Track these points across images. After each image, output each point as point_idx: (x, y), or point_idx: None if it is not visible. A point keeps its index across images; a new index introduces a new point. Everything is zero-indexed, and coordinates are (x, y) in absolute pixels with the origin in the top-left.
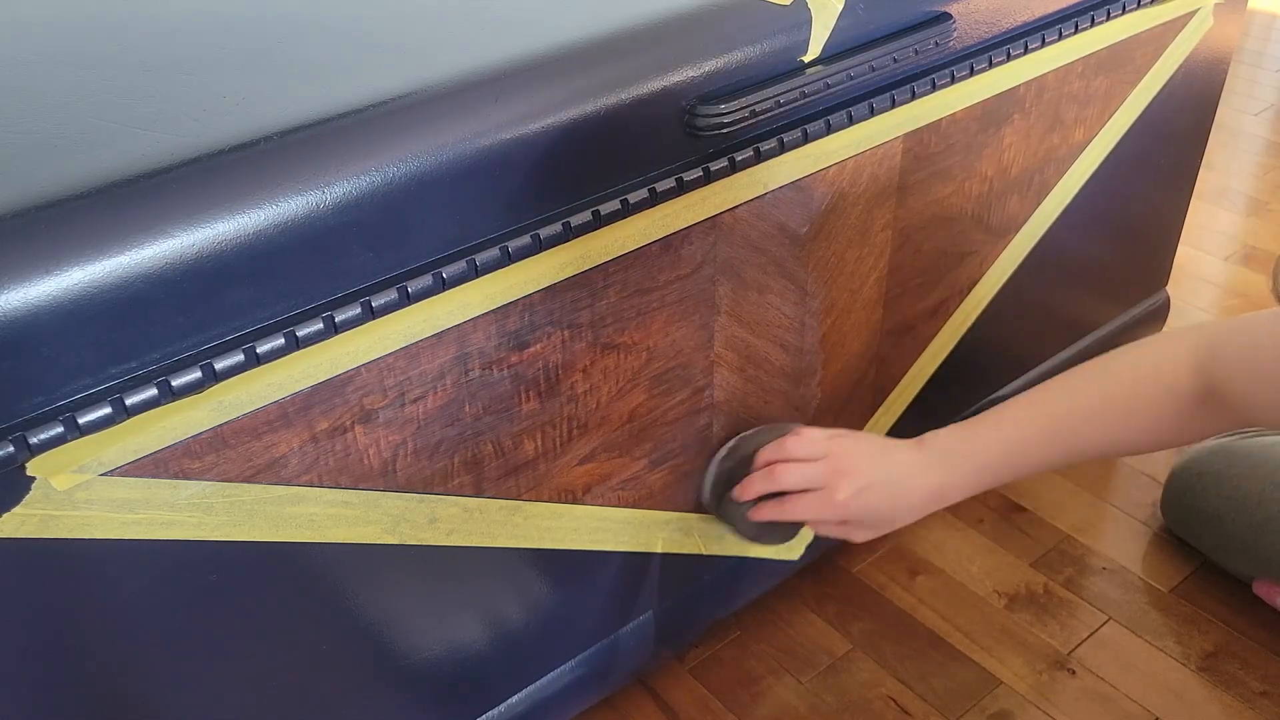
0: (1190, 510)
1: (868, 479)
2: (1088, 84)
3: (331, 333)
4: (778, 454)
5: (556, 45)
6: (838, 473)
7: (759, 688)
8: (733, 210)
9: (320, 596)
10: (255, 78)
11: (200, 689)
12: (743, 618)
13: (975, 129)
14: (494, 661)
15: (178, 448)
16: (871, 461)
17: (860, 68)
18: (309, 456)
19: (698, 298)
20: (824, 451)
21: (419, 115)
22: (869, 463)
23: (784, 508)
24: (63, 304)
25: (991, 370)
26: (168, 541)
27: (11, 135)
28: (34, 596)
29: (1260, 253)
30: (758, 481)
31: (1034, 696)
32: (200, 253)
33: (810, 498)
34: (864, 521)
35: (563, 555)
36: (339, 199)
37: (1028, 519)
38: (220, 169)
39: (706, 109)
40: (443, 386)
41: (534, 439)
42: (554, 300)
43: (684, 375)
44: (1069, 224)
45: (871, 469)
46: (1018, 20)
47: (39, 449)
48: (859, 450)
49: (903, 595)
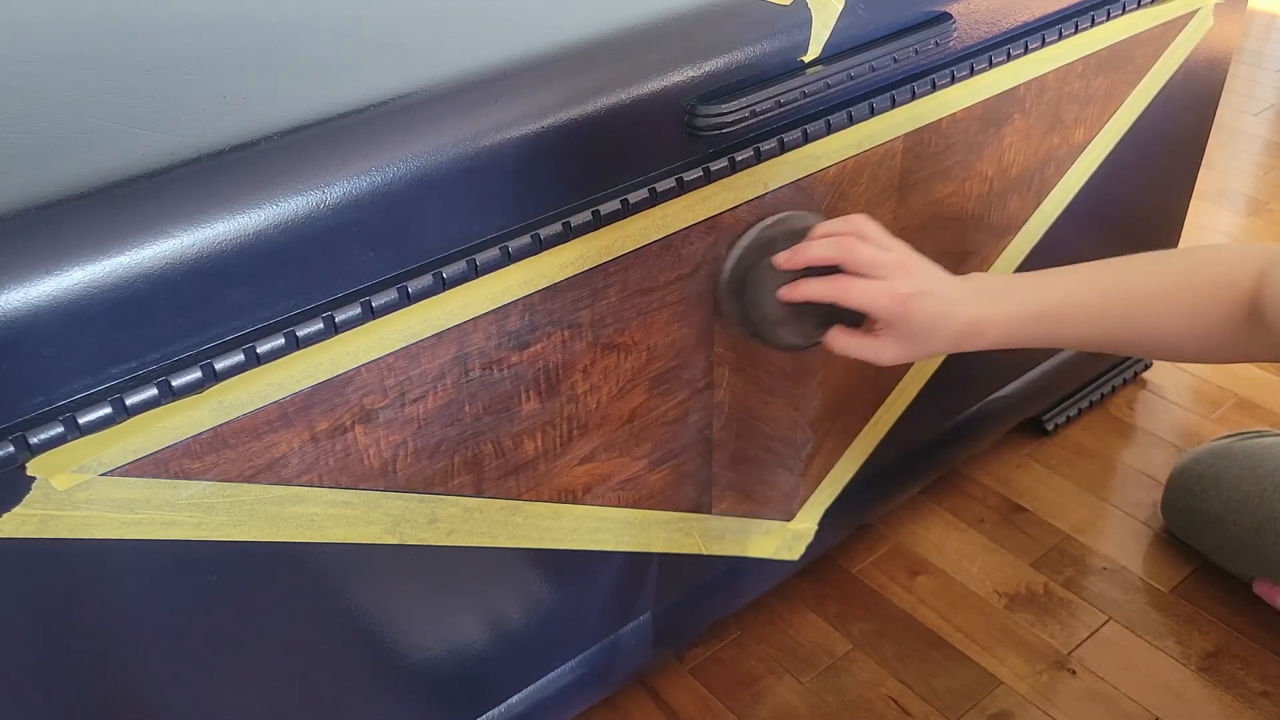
0: (1191, 512)
1: (928, 285)
2: (1088, 84)
3: (331, 333)
4: (846, 227)
5: (556, 45)
6: (904, 268)
7: (759, 688)
8: (733, 210)
9: (320, 596)
10: (255, 78)
11: (200, 689)
12: (743, 618)
13: (975, 129)
14: (494, 661)
15: (178, 448)
16: (931, 271)
17: (860, 68)
18: (309, 456)
19: (698, 298)
20: (893, 244)
21: (419, 115)
22: (930, 269)
23: (836, 285)
24: (63, 304)
25: (991, 370)
26: (168, 541)
27: (11, 135)
28: (34, 597)
29: None
30: (818, 248)
31: (1034, 696)
32: (200, 253)
33: (869, 283)
34: (907, 331)
35: (563, 555)
36: (339, 199)
37: (1028, 519)
38: (220, 169)
39: (707, 109)
40: (443, 386)
41: (534, 439)
42: (554, 300)
43: (684, 375)
44: (1069, 224)
45: (931, 278)
46: (1018, 20)
47: (39, 449)
48: (921, 257)
49: (903, 595)
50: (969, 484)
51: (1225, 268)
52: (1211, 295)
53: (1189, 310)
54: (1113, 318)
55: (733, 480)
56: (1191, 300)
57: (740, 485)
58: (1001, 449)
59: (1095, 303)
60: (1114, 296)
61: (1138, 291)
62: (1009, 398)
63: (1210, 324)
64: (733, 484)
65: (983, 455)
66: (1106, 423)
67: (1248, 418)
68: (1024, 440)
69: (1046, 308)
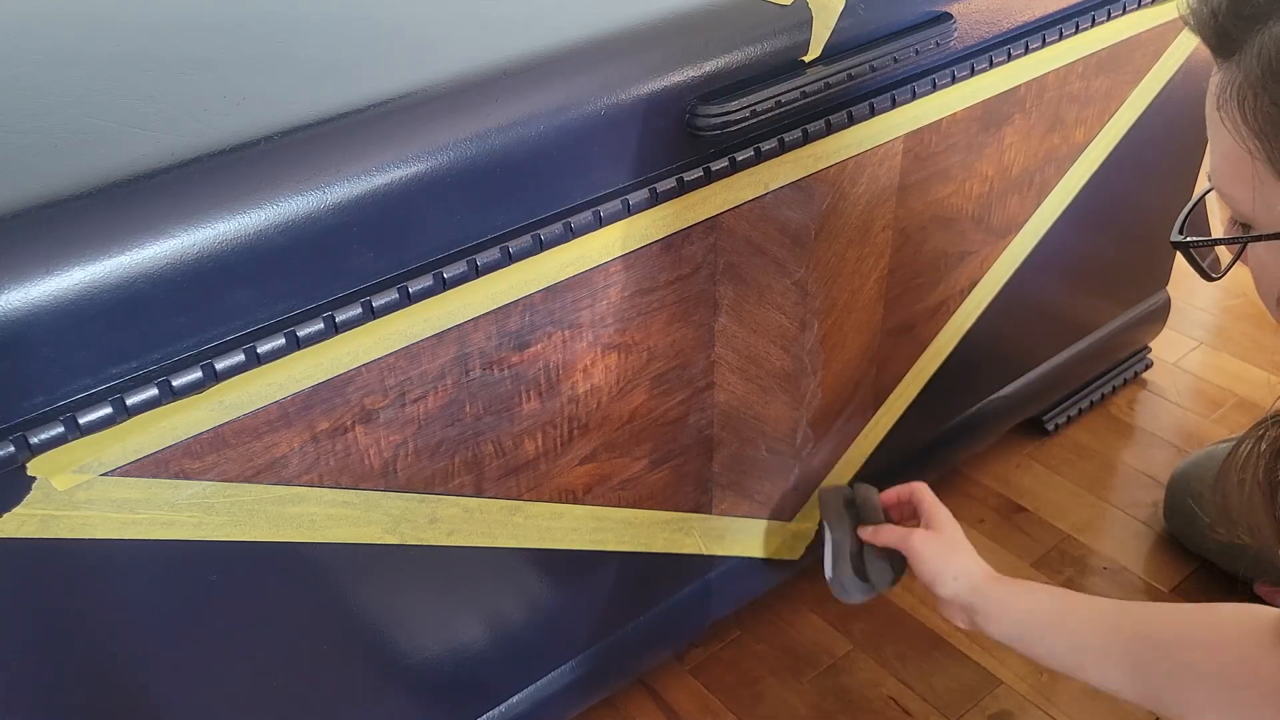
0: (1192, 515)
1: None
2: (1088, 84)
3: (332, 333)
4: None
5: (556, 45)
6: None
7: (759, 688)
8: (733, 210)
9: (320, 596)
10: (255, 78)
11: (200, 688)
12: (743, 618)
13: (976, 129)
14: (494, 661)
15: (178, 448)
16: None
17: (860, 68)
18: (309, 456)
19: (698, 298)
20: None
21: (419, 115)
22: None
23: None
24: (63, 304)
25: (991, 370)
26: (168, 541)
27: (11, 135)
28: (35, 596)
29: None
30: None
31: (1034, 696)
32: (200, 253)
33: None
34: (942, 531)
35: (563, 555)
36: (339, 199)
37: (1028, 519)
38: (220, 169)
39: (707, 109)
40: (443, 386)
41: (534, 439)
42: (554, 300)
43: (684, 375)
44: (1069, 224)
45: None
46: (1018, 20)
47: (39, 449)
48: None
49: (903, 595)
50: (969, 484)
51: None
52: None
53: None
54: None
55: (733, 480)
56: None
57: (740, 485)
58: (1001, 449)
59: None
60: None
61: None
62: (1009, 398)
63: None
64: (733, 484)
65: (983, 455)
66: (1107, 423)
67: (1248, 418)
68: (1024, 440)
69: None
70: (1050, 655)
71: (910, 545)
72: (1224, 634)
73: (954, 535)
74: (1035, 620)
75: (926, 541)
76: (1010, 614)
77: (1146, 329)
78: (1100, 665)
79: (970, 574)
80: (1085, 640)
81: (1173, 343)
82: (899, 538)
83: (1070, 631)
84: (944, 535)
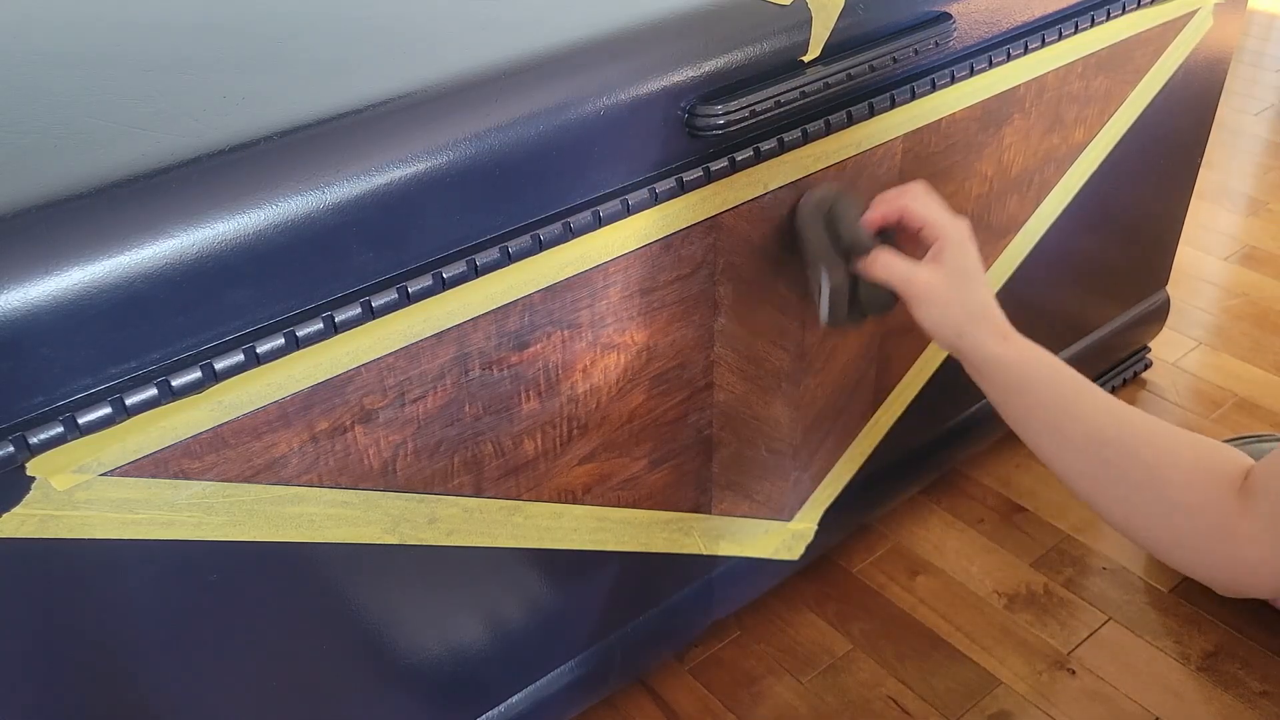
0: None
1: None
2: (1088, 84)
3: (331, 333)
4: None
5: (556, 45)
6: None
7: (759, 688)
8: (733, 210)
9: (320, 596)
10: (255, 78)
11: (200, 689)
12: (743, 618)
13: (975, 129)
14: (494, 661)
15: (178, 448)
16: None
17: (860, 68)
18: (309, 456)
19: (698, 298)
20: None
21: (419, 115)
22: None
23: (911, 195)
24: (63, 304)
25: None
26: (168, 541)
27: (11, 135)
28: (34, 596)
29: (1260, 253)
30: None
31: (1034, 696)
32: (200, 253)
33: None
34: (955, 263)
35: (563, 555)
36: (339, 199)
37: (1028, 519)
38: (220, 169)
39: (706, 109)
40: (443, 386)
41: (534, 439)
42: (554, 300)
43: (684, 375)
44: (1069, 224)
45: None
46: (1018, 20)
47: (39, 449)
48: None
49: (903, 595)
50: (969, 484)
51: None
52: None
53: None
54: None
55: (732, 480)
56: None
57: (740, 485)
58: (1001, 449)
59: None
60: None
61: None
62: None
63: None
64: (732, 484)
65: (983, 455)
66: None
67: (1248, 418)
68: None
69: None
70: (1030, 433)
71: (912, 289)
72: (1205, 470)
73: (964, 275)
74: (1030, 401)
75: (933, 284)
76: (1006, 384)
77: (1146, 329)
78: (1079, 465)
79: (974, 336)
80: (1076, 438)
81: (1172, 343)
82: (901, 278)
83: (1063, 427)
84: (952, 275)
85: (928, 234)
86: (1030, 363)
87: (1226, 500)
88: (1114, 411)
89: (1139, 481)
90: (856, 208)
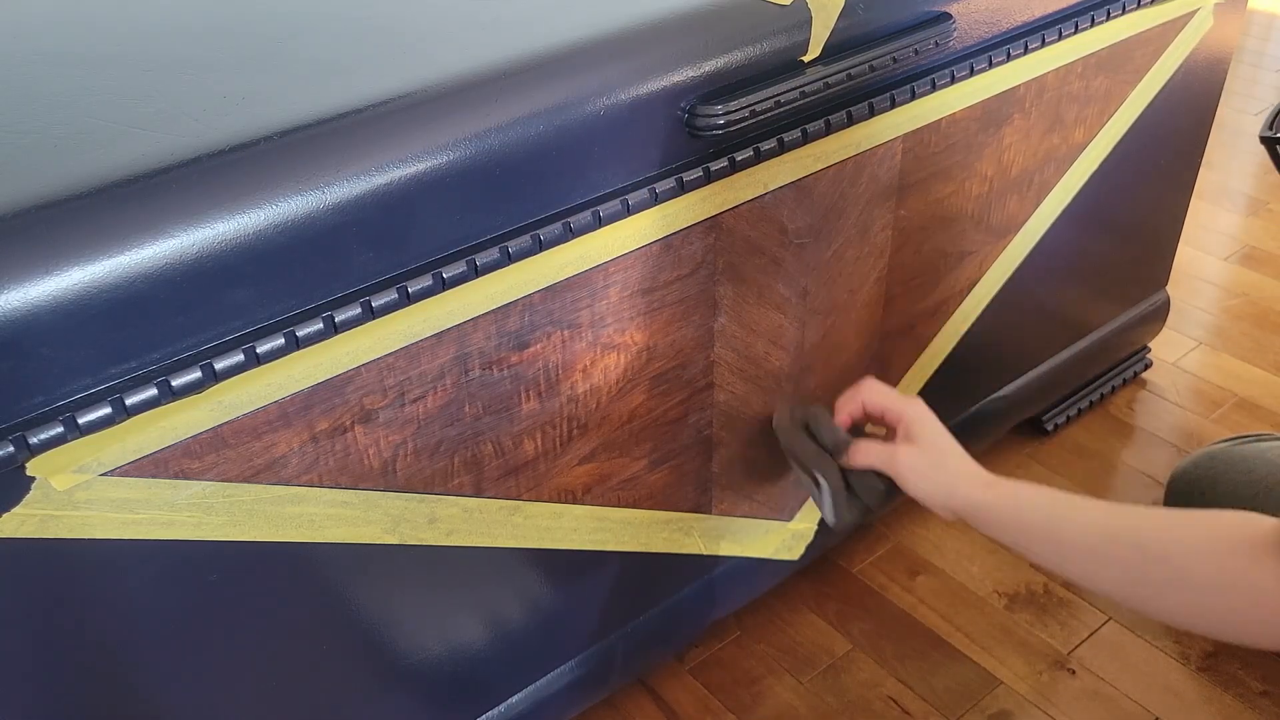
0: None
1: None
2: (1088, 84)
3: (331, 333)
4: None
5: (556, 45)
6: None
7: (759, 688)
8: (733, 210)
9: (320, 596)
10: (255, 78)
11: (200, 688)
12: (743, 618)
13: (975, 129)
14: (494, 661)
15: (178, 448)
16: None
17: (860, 68)
18: (309, 456)
19: (698, 298)
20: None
21: (419, 115)
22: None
23: (870, 391)
24: (62, 304)
25: (991, 370)
26: (168, 541)
27: (11, 135)
28: (34, 596)
29: (1260, 253)
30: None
31: (1034, 696)
32: (200, 253)
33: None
34: (927, 442)
35: (563, 555)
36: (339, 199)
37: None
38: (220, 169)
39: (706, 109)
40: (443, 386)
41: (534, 439)
42: (554, 300)
43: (684, 375)
44: (1069, 224)
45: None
46: (1018, 20)
47: (39, 449)
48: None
49: (903, 595)
50: None
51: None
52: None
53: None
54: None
55: (732, 480)
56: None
57: (740, 485)
58: (1001, 449)
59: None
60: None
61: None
62: (1008, 398)
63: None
64: (732, 484)
65: (983, 455)
66: (1106, 423)
67: (1248, 418)
68: (1024, 440)
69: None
70: (1043, 558)
71: (896, 469)
72: (1221, 544)
73: (936, 446)
74: (1029, 528)
75: (913, 459)
76: (1004, 522)
77: (1146, 329)
78: (1093, 570)
79: (962, 492)
80: (1079, 546)
81: (1172, 342)
82: (883, 461)
83: (1064, 540)
84: (927, 449)
85: (890, 418)
86: (1020, 495)
87: (1254, 569)
88: (1111, 511)
89: (1161, 579)
90: (827, 414)
